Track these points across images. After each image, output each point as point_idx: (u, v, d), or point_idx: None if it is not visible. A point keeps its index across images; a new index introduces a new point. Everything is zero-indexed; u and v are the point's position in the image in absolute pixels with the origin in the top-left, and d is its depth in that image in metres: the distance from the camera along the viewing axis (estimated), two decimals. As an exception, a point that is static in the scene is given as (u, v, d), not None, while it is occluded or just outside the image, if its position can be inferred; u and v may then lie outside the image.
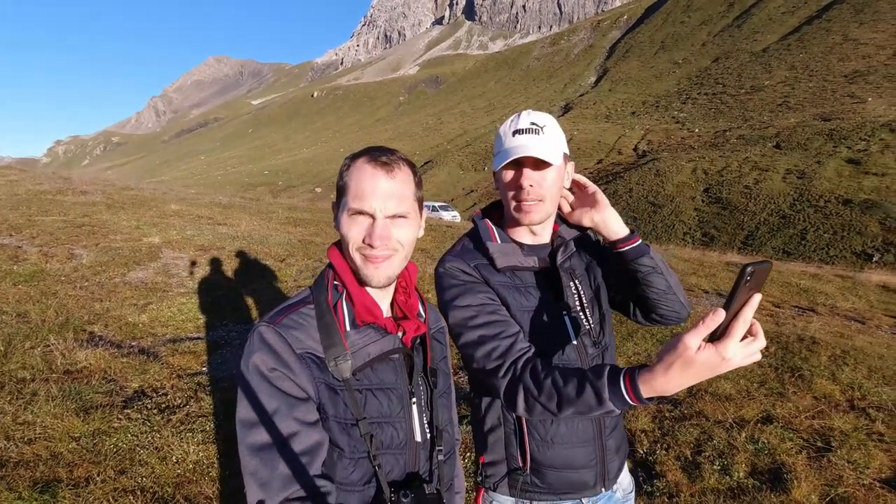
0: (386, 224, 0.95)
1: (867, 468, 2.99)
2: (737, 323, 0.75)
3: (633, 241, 1.25)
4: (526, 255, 1.25)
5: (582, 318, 1.26)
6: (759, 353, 0.78)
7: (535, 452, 1.22)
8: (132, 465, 2.62)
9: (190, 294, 5.58)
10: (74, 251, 6.49)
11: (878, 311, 7.98)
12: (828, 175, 25.51)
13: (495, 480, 1.28)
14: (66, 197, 10.36)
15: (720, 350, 0.76)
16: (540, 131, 1.19)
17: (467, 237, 1.32)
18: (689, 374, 0.80)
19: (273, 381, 0.90)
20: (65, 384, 3.34)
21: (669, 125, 48.94)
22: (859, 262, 17.79)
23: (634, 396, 0.87)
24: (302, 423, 0.90)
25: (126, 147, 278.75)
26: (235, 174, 79.80)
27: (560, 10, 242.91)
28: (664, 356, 0.82)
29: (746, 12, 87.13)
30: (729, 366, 0.77)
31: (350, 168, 0.97)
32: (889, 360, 4.74)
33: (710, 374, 0.79)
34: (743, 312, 0.75)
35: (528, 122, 1.20)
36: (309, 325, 0.96)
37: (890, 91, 39.67)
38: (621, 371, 0.90)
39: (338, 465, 0.94)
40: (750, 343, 0.77)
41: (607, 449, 1.26)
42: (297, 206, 16.35)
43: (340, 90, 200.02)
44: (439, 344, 1.19)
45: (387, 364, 1.01)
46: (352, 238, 0.96)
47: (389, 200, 0.95)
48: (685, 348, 0.78)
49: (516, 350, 1.09)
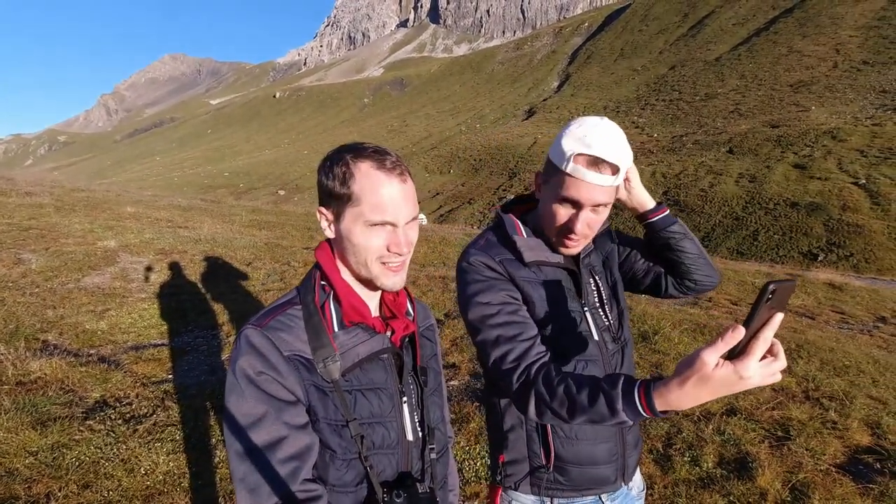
0: (407, 230, 0.95)
1: (824, 454, 3.16)
2: (757, 342, 0.73)
3: (661, 211, 1.28)
4: (550, 250, 1.25)
5: (601, 314, 1.28)
6: (780, 375, 0.76)
7: (560, 449, 1.22)
8: (97, 479, 2.49)
9: (151, 299, 5.36)
10: (22, 256, 6.12)
11: (826, 308, 8.46)
12: (776, 179, 26.86)
13: (517, 479, 1.27)
14: (10, 198, 9.76)
15: (739, 369, 0.74)
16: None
17: (491, 231, 1.30)
18: (704, 390, 0.77)
19: (260, 385, 0.88)
20: (18, 396, 3.14)
21: (630, 130, 50.38)
22: (806, 262, 18.84)
23: (648, 409, 0.84)
24: (291, 426, 0.89)
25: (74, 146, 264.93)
26: (194, 176, 77.12)
27: (523, 15, 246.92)
28: (681, 370, 0.80)
29: (700, 23, 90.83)
30: (746, 385, 0.75)
31: (355, 176, 0.92)
32: (838, 352, 5.03)
33: (727, 392, 0.77)
34: (763, 331, 0.73)
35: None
36: (296, 327, 0.94)
37: (831, 100, 42.14)
38: (636, 382, 0.88)
39: (330, 466, 0.93)
40: (770, 363, 0.75)
41: (627, 444, 1.28)
42: (261, 208, 15.96)
43: (303, 91, 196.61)
44: (429, 342, 1.19)
45: (376, 364, 1.00)
46: (373, 249, 0.94)
47: (407, 206, 0.95)
48: (703, 364, 0.76)
49: (532, 354, 1.07)
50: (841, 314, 8.03)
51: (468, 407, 3.54)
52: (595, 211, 1.14)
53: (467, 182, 46.48)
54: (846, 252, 19.41)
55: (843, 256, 19.18)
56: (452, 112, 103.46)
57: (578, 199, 1.10)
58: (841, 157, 27.51)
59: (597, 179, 1.07)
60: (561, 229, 1.17)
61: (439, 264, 9.00)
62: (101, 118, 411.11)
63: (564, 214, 1.14)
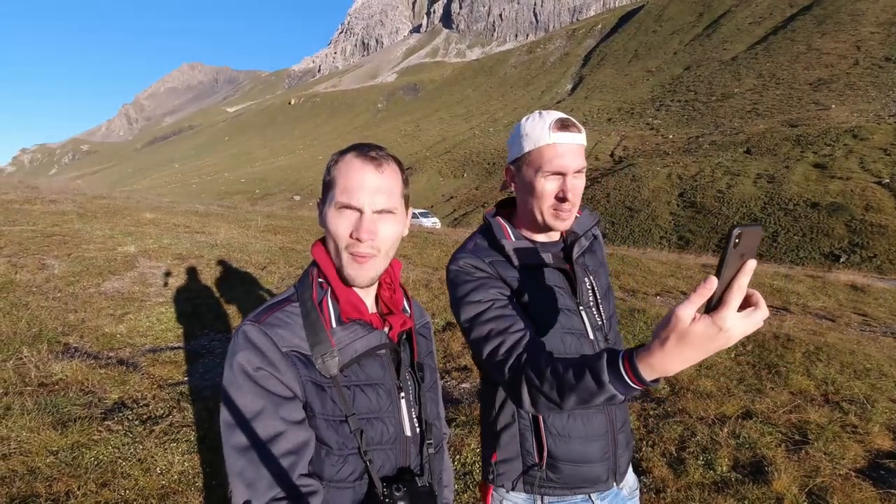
0: (374, 219, 0.95)
1: (843, 459, 3.09)
2: (731, 291, 0.70)
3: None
4: (540, 251, 1.27)
5: (595, 314, 1.29)
6: (762, 322, 0.72)
7: (552, 447, 1.22)
8: (114, 478, 2.55)
9: (169, 303, 5.46)
10: (45, 261, 6.29)
11: (847, 310, 8.26)
12: (796, 179, 26.35)
13: (509, 478, 1.28)
14: (35, 206, 10.04)
15: (716, 320, 0.70)
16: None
17: (479, 235, 1.32)
18: (686, 348, 0.74)
19: (258, 381, 0.89)
20: (40, 397, 3.23)
21: (644, 131, 49.98)
22: (827, 263, 18.40)
23: (634, 377, 0.82)
24: (288, 421, 0.90)
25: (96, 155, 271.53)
26: (211, 182, 78.46)
27: (536, 18, 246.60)
28: (659, 331, 0.77)
29: (716, 22, 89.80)
30: (728, 338, 0.71)
31: (338, 163, 0.97)
32: (859, 355, 4.91)
33: (712, 348, 0.73)
34: (737, 280, 0.70)
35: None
36: (294, 323, 0.96)
37: (852, 98, 41.28)
38: (619, 352, 0.86)
39: (326, 462, 0.94)
40: (751, 313, 0.71)
41: (618, 443, 1.29)
42: (276, 213, 16.18)
43: (318, 97, 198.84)
44: (425, 339, 1.20)
45: (374, 360, 1.01)
46: (339, 234, 0.95)
47: (378, 195, 0.95)
48: (678, 320, 0.73)
49: (523, 344, 1.08)
50: (863, 316, 7.84)
51: (479, 409, 3.53)
52: (577, 177, 1.19)
53: (481, 186, 46.51)
54: (869, 253, 18.94)
55: (866, 258, 18.72)
56: (466, 116, 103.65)
57: (563, 164, 1.17)
58: (863, 157, 26.88)
59: (574, 139, 1.17)
60: (552, 203, 1.20)
61: (452, 268, 9.01)
62: (123, 127, 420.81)
63: (552, 187, 1.19)
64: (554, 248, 1.30)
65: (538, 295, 1.22)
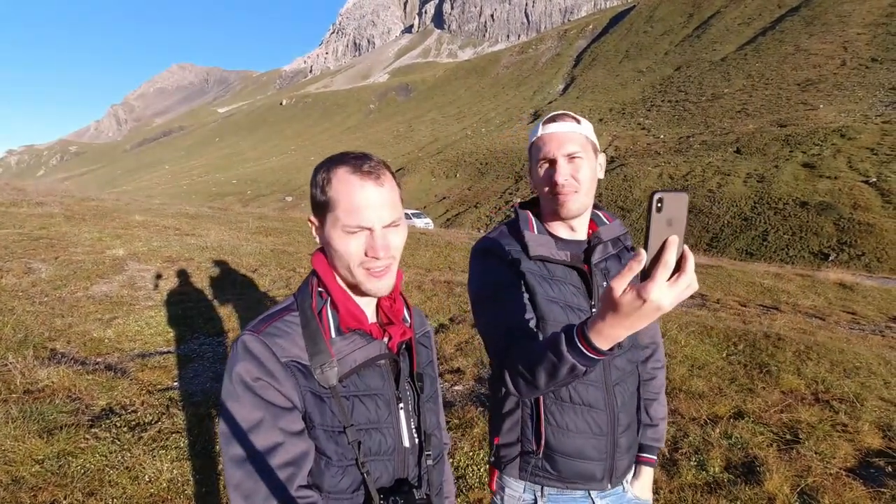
0: (385, 234, 0.94)
1: (833, 458, 3.11)
2: (657, 265, 0.71)
3: None
4: (560, 248, 1.28)
5: None
6: (694, 287, 0.74)
7: (550, 438, 1.25)
8: (102, 487, 2.51)
9: (158, 307, 5.40)
10: (32, 265, 6.20)
11: (837, 308, 8.35)
12: (785, 178, 26.62)
13: (507, 461, 1.32)
14: (21, 209, 9.89)
15: (642, 293, 0.73)
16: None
17: (505, 225, 1.37)
18: (622, 318, 0.78)
19: (257, 391, 0.88)
20: (25, 404, 3.17)
21: (636, 132, 50.26)
22: (816, 262, 18.60)
23: (588, 346, 0.86)
24: (287, 433, 0.89)
25: (85, 157, 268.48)
26: (202, 184, 77.89)
27: (528, 19, 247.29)
28: (601, 303, 0.82)
29: (705, 23, 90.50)
30: (659, 307, 0.73)
31: (332, 181, 0.93)
32: (849, 354, 4.95)
33: (645, 318, 0.76)
34: (664, 255, 0.71)
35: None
36: (294, 333, 0.95)
37: (839, 99, 41.75)
38: (574, 326, 0.91)
39: (325, 473, 0.93)
40: (675, 282, 0.72)
41: (618, 446, 1.29)
42: (268, 215, 16.07)
43: (310, 98, 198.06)
44: (425, 349, 1.19)
45: (373, 370, 1.00)
46: (352, 255, 0.94)
47: (384, 209, 0.93)
48: (609, 292, 0.77)
49: (514, 331, 1.13)
50: (852, 314, 7.92)
51: (472, 412, 3.52)
52: (572, 161, 1.23)
53: (473, 186, 46.52)
54: (858, 251, 19.17)
55: (854, 256, 18.94)
56: (458, 116, 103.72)
57: (549, 150, 1.24)
58: (851, 156, 27.21)
59: (559, 128, 1.25)
60: (548, 188, 1.26)
61: (445, 268, 9.01)
62: (112, 128, 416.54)
63: (546, 173, 1.26)
64: (576, 248, 1.31)
65: (546, 287, 1.24)
